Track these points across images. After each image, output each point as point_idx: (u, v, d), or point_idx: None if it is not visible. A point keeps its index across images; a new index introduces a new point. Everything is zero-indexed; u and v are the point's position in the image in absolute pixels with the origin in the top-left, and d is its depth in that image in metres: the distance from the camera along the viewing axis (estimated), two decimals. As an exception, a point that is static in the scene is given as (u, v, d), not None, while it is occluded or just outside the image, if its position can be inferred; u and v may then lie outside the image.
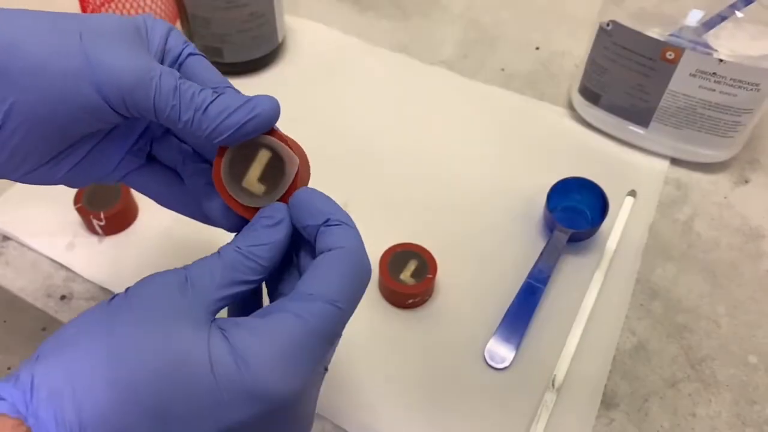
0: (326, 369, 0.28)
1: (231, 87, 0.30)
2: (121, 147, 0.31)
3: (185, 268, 0.26)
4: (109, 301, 0.25)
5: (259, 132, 0.28)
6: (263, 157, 0.29)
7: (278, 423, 0.25)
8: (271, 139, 0.29)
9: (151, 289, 0.25)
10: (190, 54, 0.31)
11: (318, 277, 0.26)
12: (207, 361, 0.23)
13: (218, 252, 0.26)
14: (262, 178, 0.29)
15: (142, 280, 0.25)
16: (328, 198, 0.29)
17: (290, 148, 0.29)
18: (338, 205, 0.29)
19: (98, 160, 0.31)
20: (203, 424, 0.23)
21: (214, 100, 0.27)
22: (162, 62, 0.30)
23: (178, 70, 0.30)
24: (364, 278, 0.27)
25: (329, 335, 0.25)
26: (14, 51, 0.25)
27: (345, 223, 0.27)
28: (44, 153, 0.28)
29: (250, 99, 0.27)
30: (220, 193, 0.29)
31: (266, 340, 0.24)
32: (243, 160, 0.29)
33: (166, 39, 0.30)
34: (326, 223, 0.27)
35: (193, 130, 0.27)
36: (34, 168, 0.28)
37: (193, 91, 0.27)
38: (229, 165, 0.29)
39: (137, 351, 0.23)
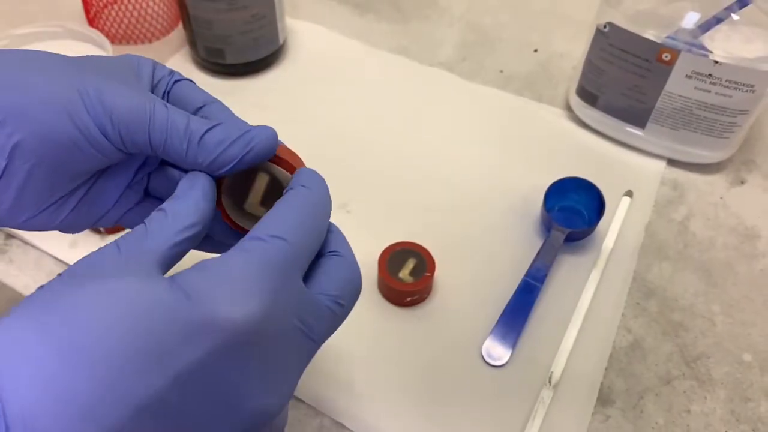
0: (304, 326, 0.26)
1: (218, 102, 0.31)
2: (119, 183, 0.31)
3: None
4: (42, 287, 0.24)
5: (257, 163, 0.28)
6: (262, 181, 0.29)
7: (242, 360, 0.23)
8: (268, 164, 0.29)
9: (86, 260, 0.24)
10: (177, 81, 0.31)
11: (268, 217, 0.26)
12: (152, 305, 0.22)
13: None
14: (263, 202, 0.30)
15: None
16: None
17: (289, 163, 0.29)
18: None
19: (97, 198, 0.31)
20: (158, 369, 0.21)
21: (209, 130, 0.27)
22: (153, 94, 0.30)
23: (168, 99, 0.31)
24: (319, 210, 0.28)
25: (279, 265, 0.24)
26: (24, 88, 0.26)
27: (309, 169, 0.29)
28: (47, 195, 0.28)
29: (247, 131, 0.27)
30: (225, 219, 0.30)
31: (210, 273, 0.23)
32: (242, 184, 0.29)
33: (153, 71, 0.31)
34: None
35: (189, 162, 0.27)
36: (37, 212, 0.29)
37: (186, 121, 0.27)
38: (230, 191, 0.29)
39: (81, 311, 0.22)
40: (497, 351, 0.43)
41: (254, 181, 0.29)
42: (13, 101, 0.26)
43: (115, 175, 0.31)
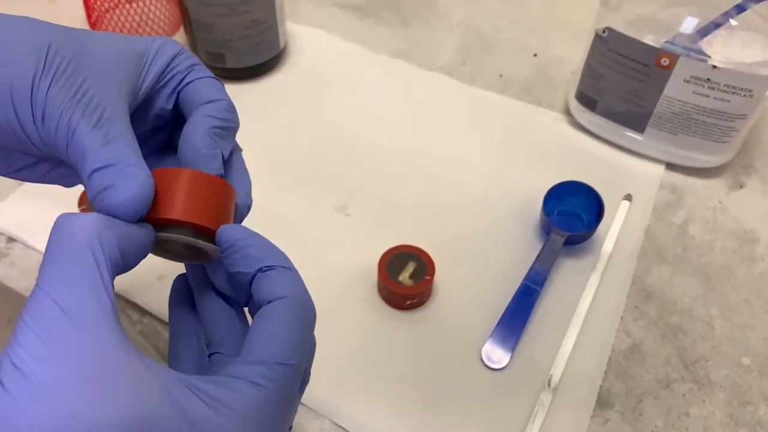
0: (290, 428, 0.27)
1: (227, 99, 0.31)
2: None
3: None
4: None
5: (125, 216, 0.25)
6: (184, 249, 0.29)
7: None
8: (183, 239, 0.27)
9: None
10: (196, 78, 0.30)
11: (266, 336, 0.25)
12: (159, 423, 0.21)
13: None
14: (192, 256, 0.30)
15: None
16: (258, 237, 0.28)
17: (203, 222, 0.27)
18: (271, 244, 0.28)
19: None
20: None
21: (93, 173, 0.25)
22: (163, 84, 0.30)
23: (177, 95, 0.30)
24: (311, 324, 0.27)
25: (289, 395, 0.25)
26: None
27: (281, 266, 0.27)
28: (5, 164, 0.29)
29: (105, 188, 0.25)
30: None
31: (229, 417, 0.23)
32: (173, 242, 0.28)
33: (170, 62, 0.30)
34: (261, 269, 0.27)
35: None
36: (9, 172, 0.29)
37: (83, 156, 0.25)
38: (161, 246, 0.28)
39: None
40: (497, 354, 0.43)
41: (177, 247, 0.29)
42: None
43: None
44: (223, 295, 0.30)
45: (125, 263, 0.24)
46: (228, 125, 0.30)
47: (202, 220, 0.27)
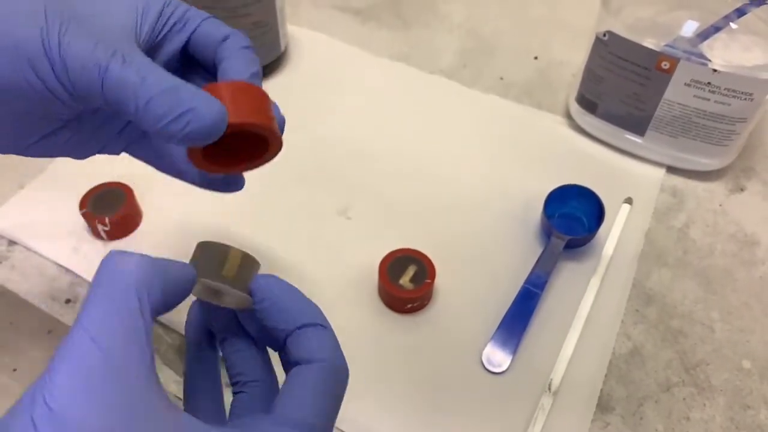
0: None
1: (235, 30, 0.31)
2: (116, 119, 0.32)
3: None
4: None
5: (203, 144, 0.26)
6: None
7: None
8: (220, 286, 0.28)
9: None
10: (203, 20, 0.31)
11: (299, 399, 0.25)
12: None
13: None
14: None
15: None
16: (294, 290, 0.28)
17: (256, 131, 0.29)
18: (309, 301, 0.27)
19: (94, 132, 0.31)
20: None
21: (153, 98, 0.25)
22: (164, 35, 0.30)
23: (189, 38, 0.30)
24: (344, 389, 0.27)
25: None
26: None
27: (320, 324, 0.27)
28: (25, 135, 0.29)
29: (187, 110, 0.25)
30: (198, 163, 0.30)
31: None
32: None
33: (162, 10, 0.30)
34: (298, 327, 0.26)
35: (142, 125, 0.26)
36: (25, 146, 0.29)
37: (137, 81, 0.25)
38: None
39: None
40: (497, 357, 0.43)
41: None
42: None
43: (102, 115, 0.31)
44: (249, 334, 0.31)
45: (166, 307, 0.24)
46: (253, 49, 0.31)
47: (267, 121, 0.28)
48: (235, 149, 0.30)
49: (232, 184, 0.35)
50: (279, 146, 0.30)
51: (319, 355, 0.26)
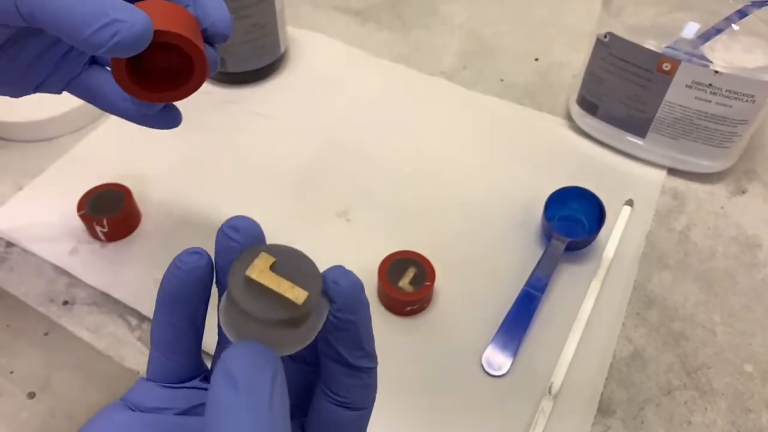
0: None
1: None
2: (50, 51, 0.32)
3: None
4: None
5: (130, 54, 0.26)
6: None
7: None
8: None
9: None
10: None
11: None
12: None
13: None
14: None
15: None
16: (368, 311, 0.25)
17: (182, 44, 0.28)
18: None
19: (28, 64, 0.31)
20: None
21: (78, 5, 0.25)
22: None
23: None
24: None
25: None
26: None
27: (375, 367, 0.26)
28: None
29: (113, 20, 0.25)
30: (126, 89, 0.30)
31: None
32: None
33: None
34: (359, 368, 0.25)
35: (68, 38, 0.25)
36: None
37: None
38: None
39: None
40: (497, 361, 0.43)
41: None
42: None
43: (37, 44, 0.31)
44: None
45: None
46: None
47: (194, 38, 0.28)
48: (162, 75, 0.30)
49: (168, 118, 0.35)
50: (205, 69, 0.30)
51: (363, 403, 0.26)
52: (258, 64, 0.61)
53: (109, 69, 0.35)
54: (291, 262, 0.22)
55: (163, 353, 0.26)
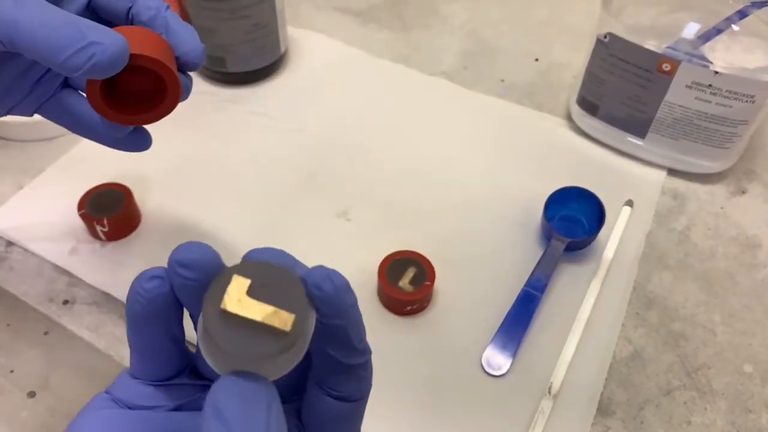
0: None
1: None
2: (24, 76, 0.32)
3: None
4: None
5: (105, 75, 0.27)
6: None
7: None
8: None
9: None
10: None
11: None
12: None
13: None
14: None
15: None
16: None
17: (157, 68, 0.29)
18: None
19: (5, 91, 0.31)
20: None
21: (57, 28, 0.26)
22: None
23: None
24: None
25: None
26: None
27: (369, 359, 0.25)
28: None
29: (90, 43, 0.26)
30: (96, 106, 0.30)
31: None
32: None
33: None
34: (350, 366, 0.24)
35: (47, 61, 0.26)
36: None
37: (34, 16, 0.26)
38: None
39: None
40: (497, 361, 0.43)
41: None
42: None
43: (13, 68, 0.31)
44: None
45: None
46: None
47: (168, 61, 0.29)
48: (135, 98, 0.31)
49: (139, 140, 0.35)
50: (178, 93, 0.30)
51: (358, 395, 0.25)
52: (258, 64, 0.61)
53: (81, 93, 0.35)
54: (267, 279, 0.20)
55: (143, 358, 0.25)
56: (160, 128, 0.34)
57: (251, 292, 0.20)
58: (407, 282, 0.44)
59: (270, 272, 0.21)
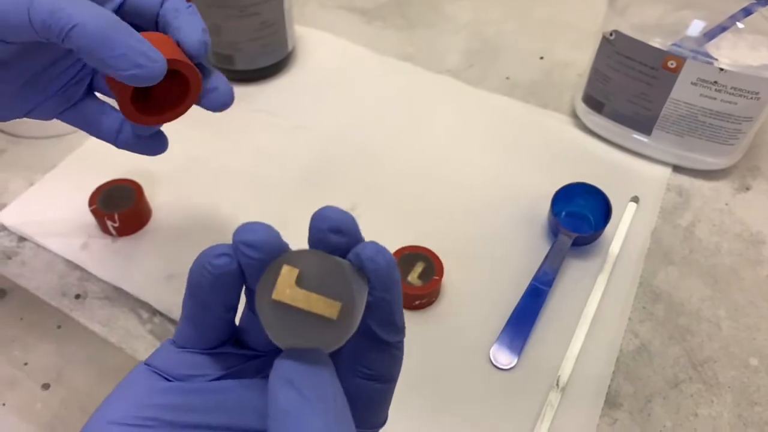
0: None
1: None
2: (45, 76, 0.33)
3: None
4: None
5: (140, 85, 0.28)
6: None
7: None
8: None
9: None
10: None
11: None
12: None
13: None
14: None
15: None
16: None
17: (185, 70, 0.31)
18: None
19: (24, 88, 0.32)
20: None
21: (72, 28, 0.26)
22: None
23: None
24: None
25: None
26: None
27: (402, 340, 0.26)
28: None
29: (139, 53, 0.28)
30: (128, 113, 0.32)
31: None
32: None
33: None
34: (388, 343, 0.25)
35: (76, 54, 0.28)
36: None
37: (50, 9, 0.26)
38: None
39: None
40: (505, 354, 0.43)
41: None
42: None
43: (37, 63, 0.32)
44: None
45: None
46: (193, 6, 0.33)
47: (191, 63, 0.31)
48: (157, 100, 0.33)
49: (156, 144, 0.36)
50: (199, 91, 0.32)
51: (391, 374, 0.26)
52: (266, 62, 0.61)
53: (102, 100, 0.36)
54: (316, 268, 0.21)
55: (195, 326, 0.25)
56: (169, 125, 0.35)
57: (300, 281, 0.21)
58: (416, 276, 0.45)
59: (318, 261, 0.21)
